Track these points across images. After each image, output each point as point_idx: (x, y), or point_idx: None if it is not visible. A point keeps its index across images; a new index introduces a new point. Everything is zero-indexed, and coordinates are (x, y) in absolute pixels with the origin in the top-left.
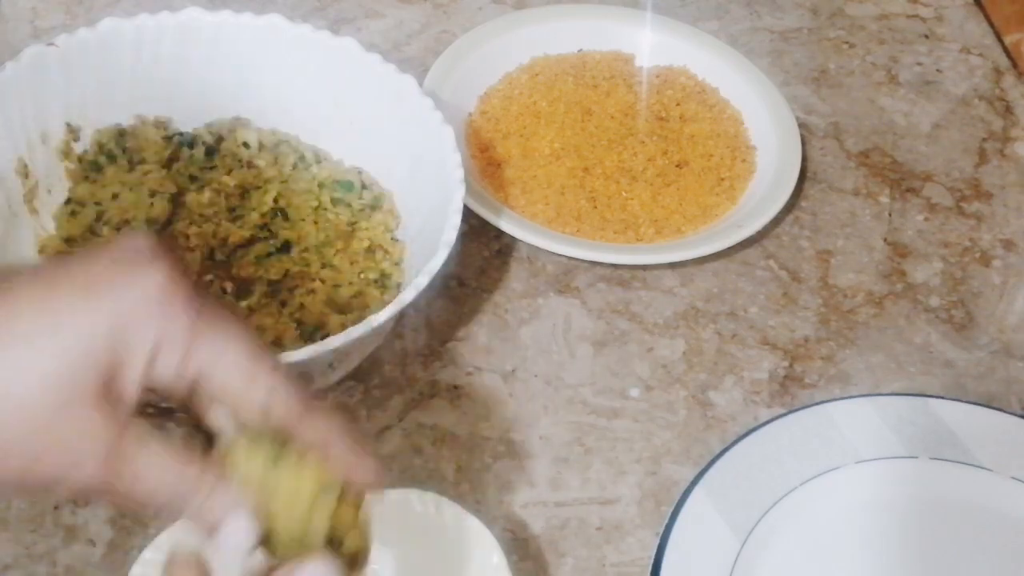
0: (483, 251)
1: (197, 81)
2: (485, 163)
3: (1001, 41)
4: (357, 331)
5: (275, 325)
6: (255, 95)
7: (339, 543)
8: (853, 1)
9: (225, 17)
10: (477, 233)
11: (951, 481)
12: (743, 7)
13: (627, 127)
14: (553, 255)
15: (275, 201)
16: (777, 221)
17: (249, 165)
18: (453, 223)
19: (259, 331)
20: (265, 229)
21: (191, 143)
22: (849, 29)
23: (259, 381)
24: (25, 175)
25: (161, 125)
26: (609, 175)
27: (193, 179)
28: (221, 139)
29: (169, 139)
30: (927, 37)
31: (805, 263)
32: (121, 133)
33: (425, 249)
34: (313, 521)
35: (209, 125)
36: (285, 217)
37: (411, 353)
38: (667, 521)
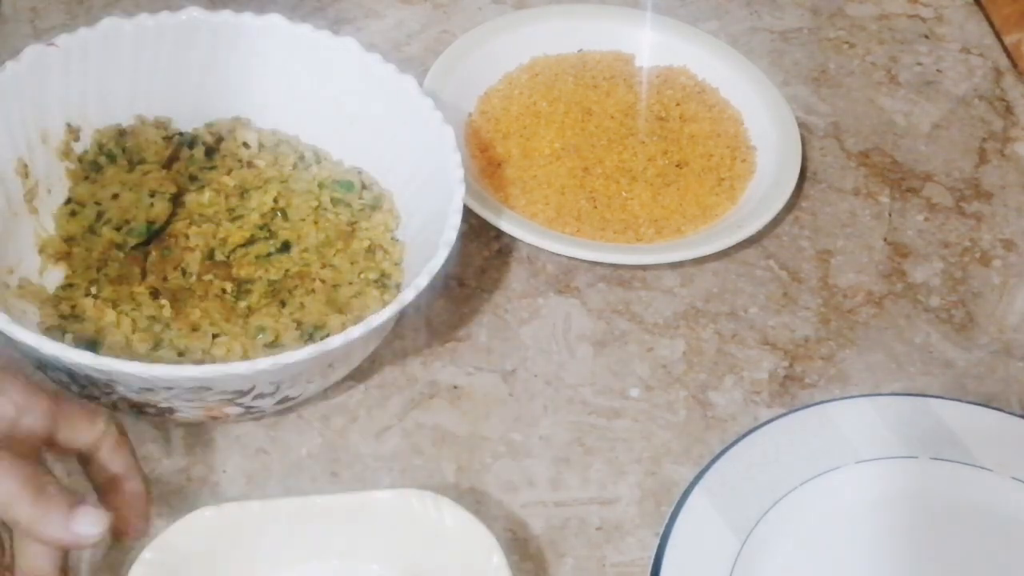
0: (483, 251)
1: (197, 81)
2: (485, 163)
3: (1001, 41)
4: (357, 331)
5: (275, 325)
6: (255, 95)
7: None
8: (853, 1)
9: (225, 17)
10: (477, 233)
11: (951, 481)
12: (743, 7)
13: (627, 127)
14: (553, 255)
15: (275, 201)
16: (777, 221)
17: (249, 165)
18: (453, 223)
19: (259, 331)
20: (265, 229)
21: (191, 143)
22: (849, 29)
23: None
24: (25, 175)
25: (161, 125)
26: (609, 175)
27: (193, 179)
28: (221, 139)
29: (169, 139)
30: (927, 37)
31: (805, 263)
32: (121, 133)
33: (425, 249)
34: None
35: (209, 125)
36: (285, 217)
37: (411, 353)
38: (667, 521)
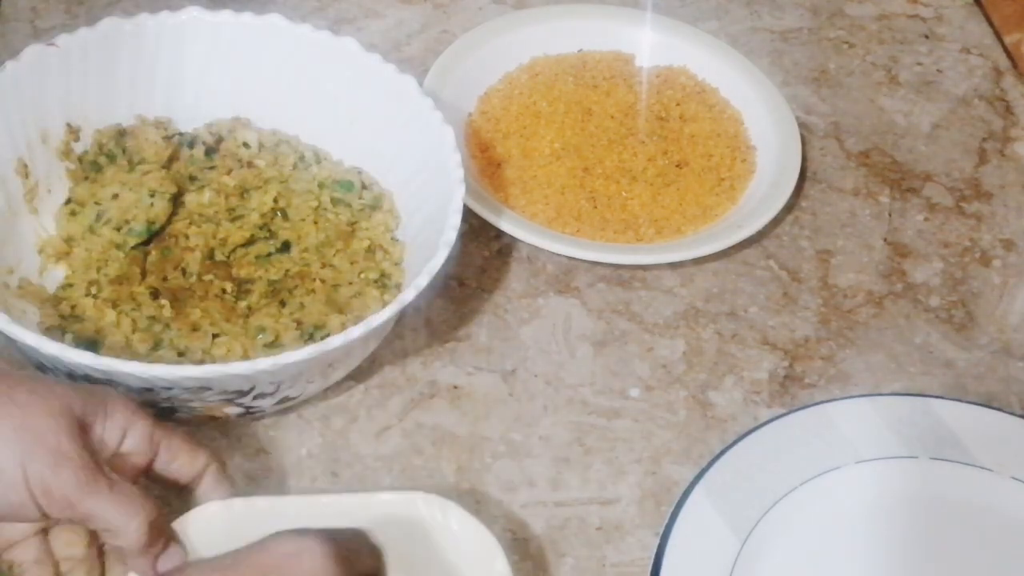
0: (483, 251)
1: (197, 81)
2: (485, 163)
3: (1001, 41)
4: (357, 331)
5: (275, 325)
6: (255, 95)
7: None
8: (853, 1)
9: (225, 17)
10: (477, 233)
11: (951, 481)
12: (743, 7)
13: (627, 127)
14: (553, 255)
15: (275, 201)
16: (777, 221)
17: (249, 165)
18: (453, 223)
19: (259, 331)
20: (265, 229)
21: (191, 143)
22: (849, 29)
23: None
24: (25, 175)
25: (161, 125)
26: (609, 175)
27: (193, 179)
28: (221, 139)
29: (169, 139)
30: (927, 37)
31: (805, 263)
32: (121, 133)
33: (425, 249)
34: None
35: (209, 125)
36: (285, 217)
37: (411, 353)
38: (667, 521)
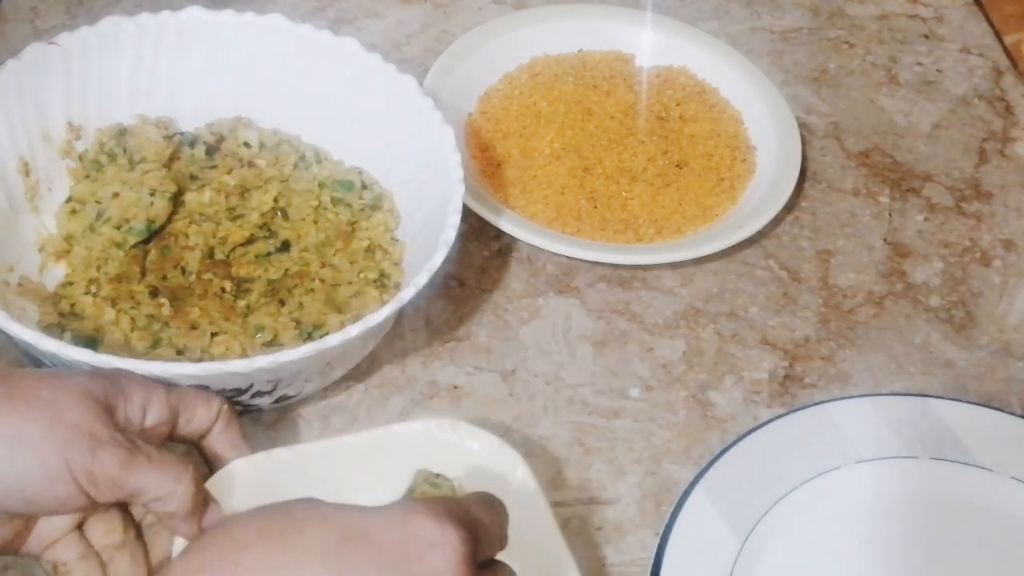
0: (483, 251)
1: (198, 81)
2: (485, 163)
3: (1001, 41)
4: (355, 330)
5: (274, 324)
6: (256, 95)
7: None
8: (853, 1)
9: (226, 17)
10: (477, 233)
11: (951, 481)
12: (743, 7)
13: (627, 127)
14: (553, 255)
15: (275, 201)
16: (777, 221)
17: (250, 165)
18: (453, 222)
19: (258, 330)
20: (265, 228)
21: (192, 142)
22: (849, 29)
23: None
24: (26, 173)
25: (162, 124)
26: (609, 175)
27: (193, 178)
28: (222, 139)
29: (170, 138)
30: (927, 37)
31: (805, 263)
32: (122, 132)
33: (425, 249)
34: None
35: (210, 125)
36: (285, 217)
37: (411, 353)
38: (667, 521)
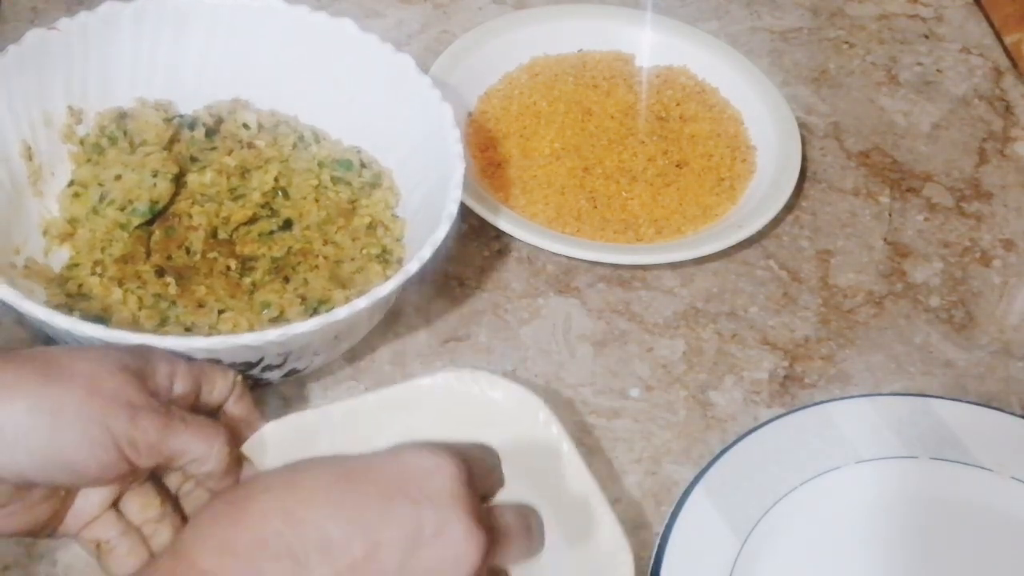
0: (483, 251)
1: (197, 64)
2: (485, 163)
3: (1001, 41)
4: (363, 302)
5: (279, 300)
6: (254, 77)
7: None
8: (853, 1)
9: (223, 0)
10: (477, 233)
11: (951, 481)
12: (743, 7)
13: (627, 127)
14: (553, 255)
15: (276, 180)
16: (777, 221)
17: (249, 146)
18: (455, 196)
19: (264, 306)
20: (267, 208)
21: (191, 125)
22: (849, 29)
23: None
24: (29, 158)
25: (162, 107)
26: (609, 175)
27: (194, 160)
28: (221, 120)
29: (169, 121)
30: (927, 37)
31: (805, 263)
32: (122, 115)
33: (426, 225)
34: None
35: (209, 107)
36: (286, 196)
37: (411, 353)
38: (667, 521)
